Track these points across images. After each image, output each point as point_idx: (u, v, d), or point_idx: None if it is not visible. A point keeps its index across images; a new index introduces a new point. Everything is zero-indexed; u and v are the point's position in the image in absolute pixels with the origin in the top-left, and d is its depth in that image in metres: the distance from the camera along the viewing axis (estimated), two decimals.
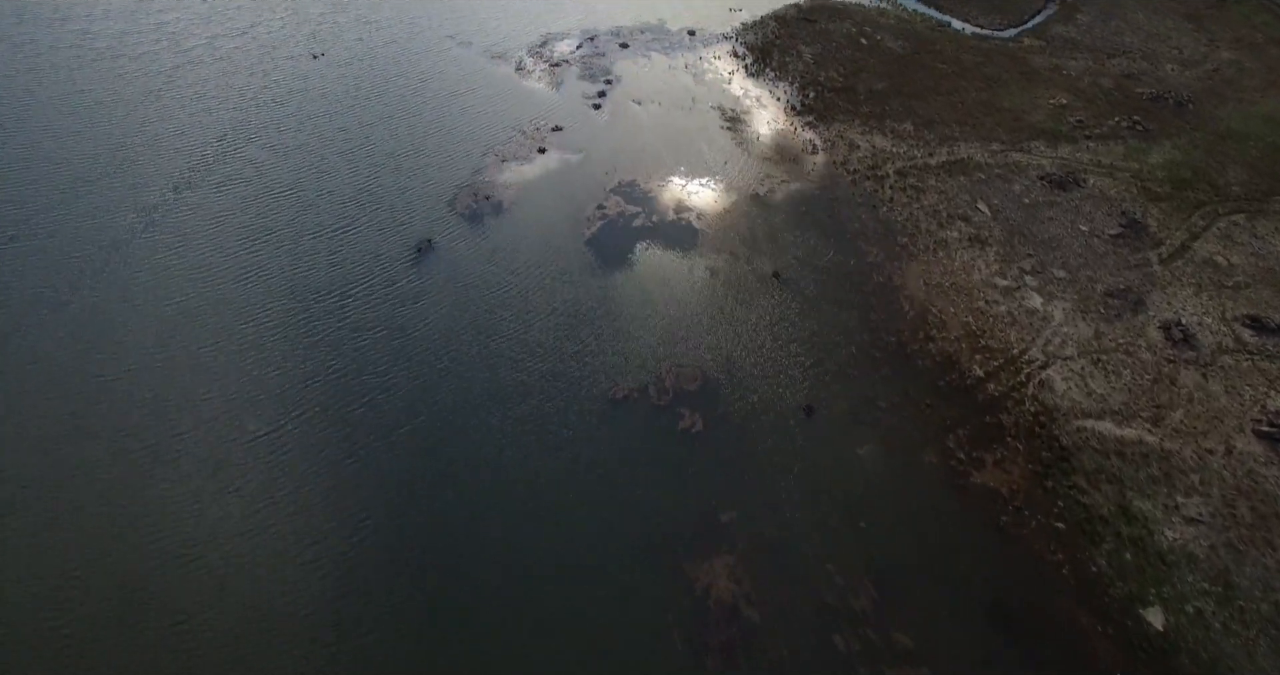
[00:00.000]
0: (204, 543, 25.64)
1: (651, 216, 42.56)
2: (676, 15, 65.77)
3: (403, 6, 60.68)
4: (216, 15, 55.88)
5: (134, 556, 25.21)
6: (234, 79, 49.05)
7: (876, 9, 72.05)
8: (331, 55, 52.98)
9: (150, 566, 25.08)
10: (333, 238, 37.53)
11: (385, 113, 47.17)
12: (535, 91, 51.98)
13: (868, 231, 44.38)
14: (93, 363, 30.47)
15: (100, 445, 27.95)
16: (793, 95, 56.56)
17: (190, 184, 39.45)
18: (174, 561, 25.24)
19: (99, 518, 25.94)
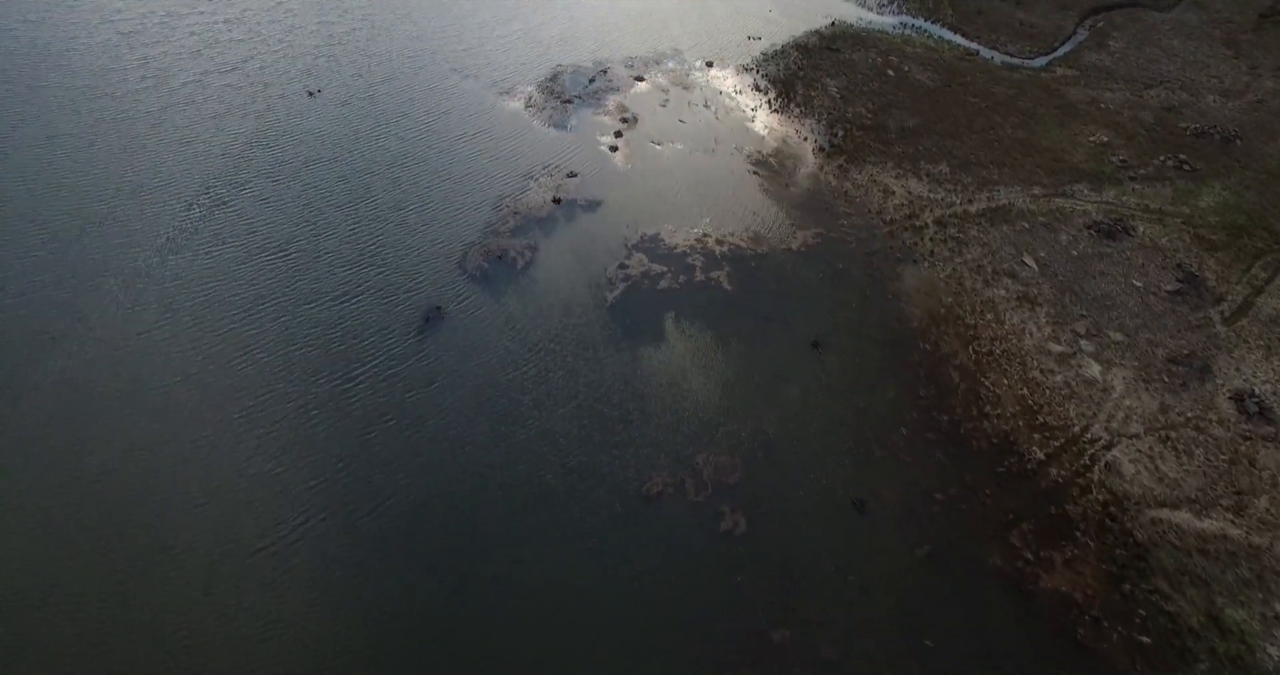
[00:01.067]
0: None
1: (679, 277, 40.70)
2: (693, 45, 64.36)
3: (403, 39, 59.07)
4: (206, 49, 54.08)
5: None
6: (224, 121, 47.16)
7: (901, 37, 70.86)
8: (328, 93, 51.22)
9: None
10: (333, 308, 35.47)
11: (387, 159, 45.30)
12: (547, 132, 50.24)
13: (910, 291, 42.57)
14: (65, 462, 28.24)
15: (77, 560, 25.69)
16: (820, 134, 54.98)
17: (177, 246, 37.42)
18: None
19: (75, 642, 23.64)
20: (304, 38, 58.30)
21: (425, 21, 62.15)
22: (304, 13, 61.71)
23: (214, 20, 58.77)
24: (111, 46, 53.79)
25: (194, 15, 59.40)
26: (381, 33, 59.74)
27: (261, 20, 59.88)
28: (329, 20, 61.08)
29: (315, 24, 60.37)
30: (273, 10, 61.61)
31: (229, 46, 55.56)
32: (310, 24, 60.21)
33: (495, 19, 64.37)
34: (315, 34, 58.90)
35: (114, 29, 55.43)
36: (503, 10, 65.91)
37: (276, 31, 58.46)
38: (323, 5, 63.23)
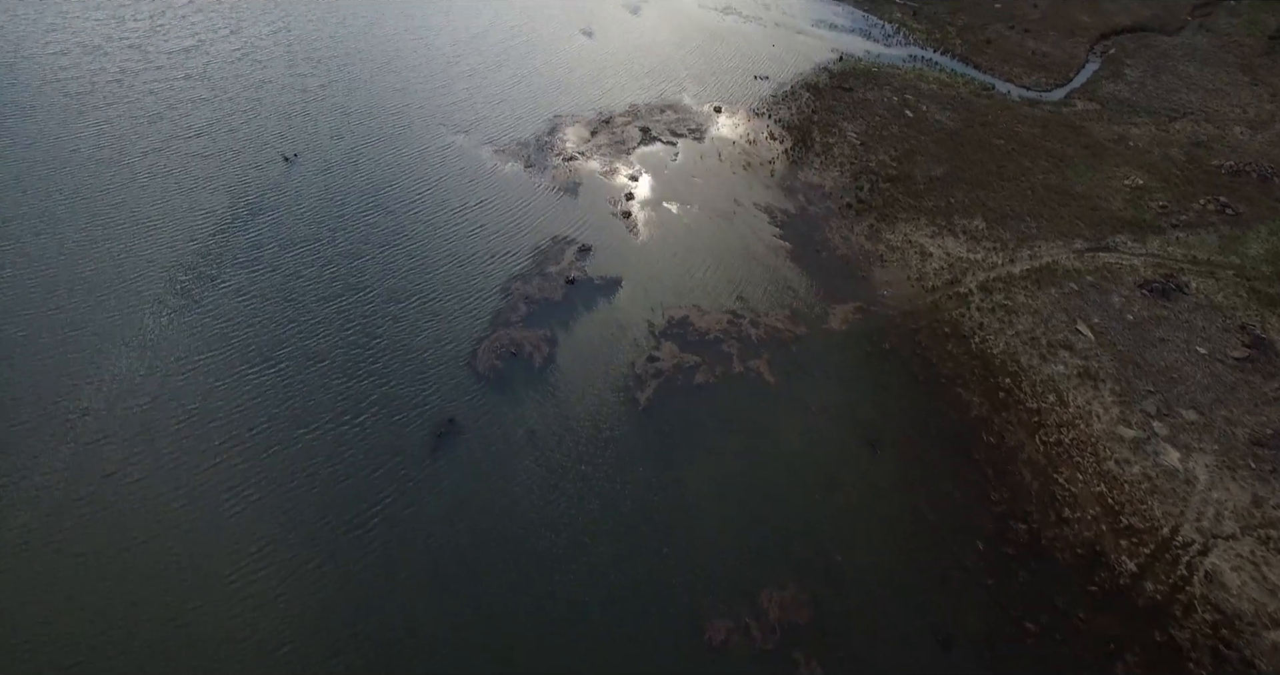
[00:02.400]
0: None
1: (715, 369, 38.12)
2: (699, 87, 62.53)
3: (385, 92, 56.29)
4: (168, 112, 50.80)
5: None
6: (193, 197, 43.93)
7: (913, 71, 69.77)
8: (306, 157, 48.25)
9: None
10: (331, 431, 32.25)
11: (377, 238, 42.32)
12: (552, 197, 47.69)
13: (964, 373, 40.41)
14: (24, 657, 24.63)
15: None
16: (845, 187, 53.12)
17: (144, 362, 33.95)
18: None
19: None
20: (275, 94, 55.25)
21: (408, 71, 59.49)
22: (273, 65, 58.74)
23: (173, 76, 55.56)
24: (59, 111, 50.28)
25: (150, 71, 56.13)
26: (360, 86, 56.93)
27: (226, 75, 56.77)
28: (302, 73, 58.15)
29: (287, 77, 57.37)
30: (238, 63, 58.56)
31: (193, 107, 52.32)
32: (281, 77, 57.21)
33: (484, 65, 61.95)
34: (288, 89, 55.89)
35: (61, 90, 51.97)
36: (491, 55, 63.61)
37: (244, 87, 55.38)
38: (293, 56, 60.35)
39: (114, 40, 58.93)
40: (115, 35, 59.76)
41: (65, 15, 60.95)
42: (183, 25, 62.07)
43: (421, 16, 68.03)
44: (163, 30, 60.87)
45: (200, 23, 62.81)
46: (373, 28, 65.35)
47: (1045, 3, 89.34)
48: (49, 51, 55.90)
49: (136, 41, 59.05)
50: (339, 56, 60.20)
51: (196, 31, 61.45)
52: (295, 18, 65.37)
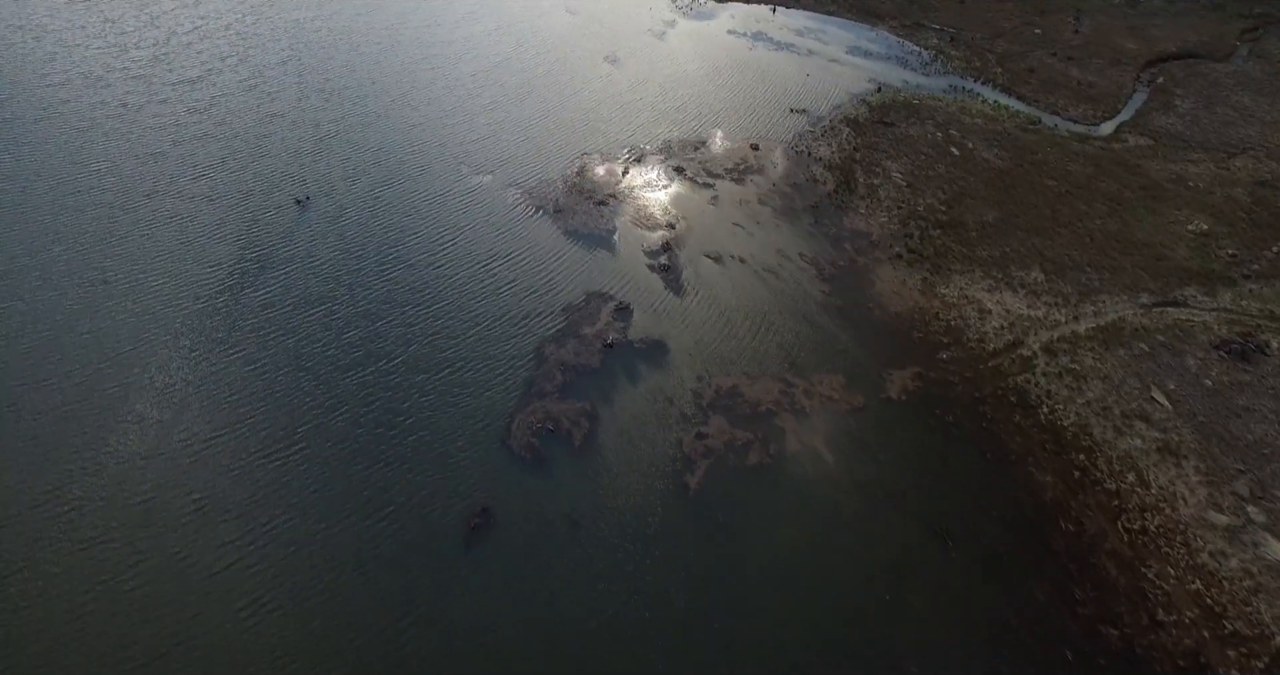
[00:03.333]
0: None
1: (769, 446, 36.10)
2: (733, 121, 60.97)
3: (402, 127, 54.69)
4: (172, 149, 49.41)
5: None
6: (199, 248, 42.42)
7: (956, 103, 68.18)
8: (319, 201, 46.64)
9: None
10: (357, 526, 30.23)
11: (398, 296, 40.48)
12: (584, 248, 45.90)
13: (1034, 448, 38.32)
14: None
15: None
16: (893, 234, 51.29)
17: (150, 449, 31.83)
18: None
19: None
20: (285, 129, 53.66)
21: (426, 105, 57.92)
22: (282, 96, 57.22)
23: (178, 110, 54.05)
24: (58, 147, 48.70)
25: (154, 104, 54.56)
26: (375, 120, 55.34)
27: (233, 108, 55.28)
28: (313, 105, 56.58)
29: (297, 111, 55.82)
30: (246, 94, 57.06)
31: (198, 143, 50.74)
32: (291, 111, 55.67)
33: (506, 98, 60.42)
34: (298, 124, 54.30)
35: (61, 124, 50.46)
36: (513, 87, 62.14)
37: (252, 121, 53.85)
38: (304, 87, 58.85)
39: (116, 70, 57.47)
40: (117, 65, 58.31)
41: (65, 44, 59.55)
42: (187, 54, 60.64)
43: (439, 44, 66.63)
44: (167, 59, 59.43)
45: (206, 51, 61.39)
46: (387, 56, 63.91)
47: (1086, 28, 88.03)
48: (48, 83, 54.46)
49: (140, 72, 57.59)
50: (352, 88, 58.67)
51: (203, 60, 60.01)
52: (305, 45, 63.97)
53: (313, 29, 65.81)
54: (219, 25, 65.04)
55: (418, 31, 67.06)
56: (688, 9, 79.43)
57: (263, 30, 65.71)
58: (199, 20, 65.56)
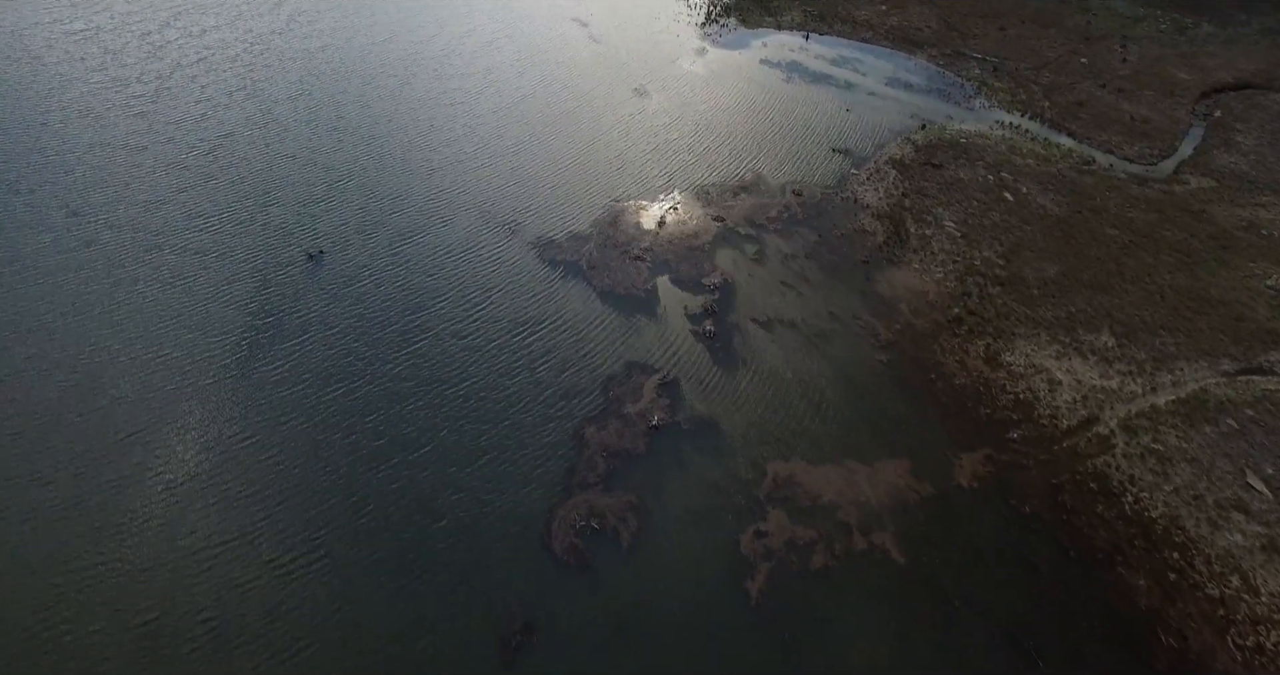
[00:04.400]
0: None
1: (833, 545, 34.07)
2: (772, 163, 59.44)
3: (420, 173, 53.24)
4: (176, 195, 48.21)
5: None
6: (202, 314, 40.71)
7: (1005, 142, 66.57)
8: (333, 257, 45.15)
9: None
10: (385, 653, 27.87)
11: (424, 373, 38.73)
12: (622, 313, 44.01)
13: (1122, 545, 36.21)
14: None
15: None
16: (951, 293, 49.40)
17: (150, 560, 29.73)
18: None
19: None
20: (295, 172, 52.17)
21: (444, 146, 56.36)
22: (292, 136, 55.83)
23: (181, 151, 52.61)
24: (53, 194, 46.81)
25: (157, 146, 53.03)
26: (393, 163, 53.83)
27: (240, 150, 54.11)
28: (325, 147, 55.06)
29: (307, 151, 54.33)
30: (255, 131, 55.75)
31: (202, 191, 49.32)
32: (301, 151, 54.21)
33: (530, 137, 58.88)
34: (309, 166, 52.79)
35: (56, 167, 48.47)
36: (537, 124, 60.63)
37: (261, 165, 52.51)
38: (315, 126, 57.46)
39: (116, 107, 56.03)
40: (118, 101, 56.88)
41: (63, 77, 58.18)
42: (192, 88, 59.23)
43: (458, 77, 65.25)
44: (170, 94, 58.01)
45: (212, 85, 59.97)
46: (404, 90, 62.49)
47: (1135, 57, 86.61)
48: (43, 121, 52.99)
49: (142, 108, 56.17)
50: (366, 125, 57.17)
51: (208, 95, 58.58)
52: (317, 78, 62.62)
53: (324, 60, 64.41)
54: (225, 57, 63.66)
55: (435, 63, 65.63)
56: (716, 37, 78.12)
57: (271, 61, 64.32)
58: (204, 51, 64.19)
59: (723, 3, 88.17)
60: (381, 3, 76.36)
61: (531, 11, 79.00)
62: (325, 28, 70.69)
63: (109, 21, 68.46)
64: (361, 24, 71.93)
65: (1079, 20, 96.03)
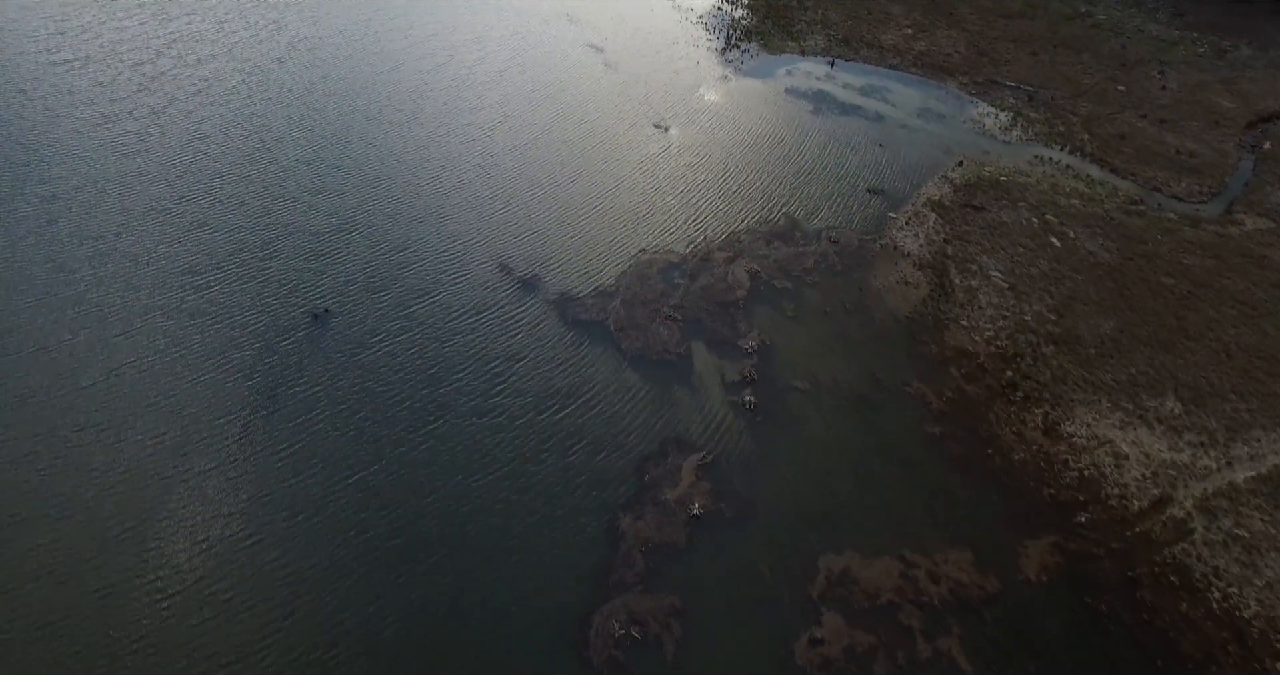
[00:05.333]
0: None
1: (895, 654, 32.12)
2: (805, 206, 57.85)
3: (431, 220, 51.56)
4: (171, 250, 46.09)
5: None
6: (195, 391, 38.27)
7: (1047, 180, 65.03)
8: (339, 317, 43.23)
9: None
10: None
11: (444, 459, 36.82)
12: (654, 381, 42.22)
13: (1214, 650, 34.25)
14: None
15: None
16: (1002, 354, 47.60)
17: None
18: None
19: None
20: (298, 219, 50.64)
21: (458, 190, 54.70)
22: (294, 175, 54.44)
23: (175, 197, 50.32)
24: (27, 253, 44.63)
25: (149, 189, 51.01)
26: (402, 208, 52.53)
27: (239, 191, 52.15)
28: (330, 187, 53.52)
29: (310, 194, 52.84)
30: (253, 170, 54.06)
31: (198, 242, 47.72)
32: (303, 193, 52.82)
33: (549, 179, 57.18)
34: (313, 212, 51.28)
35: (44, 218, 46.63)
36: (556, 165, 59.02)
37: (259, 210, 50.83)
38: (318, 163, 55.93)
39: (105, 147, 54.36)
40: (106, 139, 55.31)
41: (49, 113, 56.52)
42: (185, 124, 57.62)
43: (470, 111, 63.68)
44: (162, 132, 56.49)
45: (208, 121, 58.41)
46: (412, 126, 60.89)
47: (1174, 84, 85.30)
48: (26, 161, 50.88)
49: (132, 147, 54.69)
50: (372, 166, 55.48)
51: (204, 131, 57.00)
52: (319, 112, 61.17)
53: (326, 92, 62.70)
54: (222, 89, 61.96)
55: (445, 95, 63.96)
56: (738, 64, 76.64)
57: (271, 94, 62.59)
58: (200, 83, 62.49)
59: (743, 27, 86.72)
60: (387, 29, 74.77)
61: (544, 37, 77.44)
62: (328, 56, 69.01)
63: (99, 51, 66.71)
64: (366, 52, 70.28)
65: (1113, 45, 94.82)
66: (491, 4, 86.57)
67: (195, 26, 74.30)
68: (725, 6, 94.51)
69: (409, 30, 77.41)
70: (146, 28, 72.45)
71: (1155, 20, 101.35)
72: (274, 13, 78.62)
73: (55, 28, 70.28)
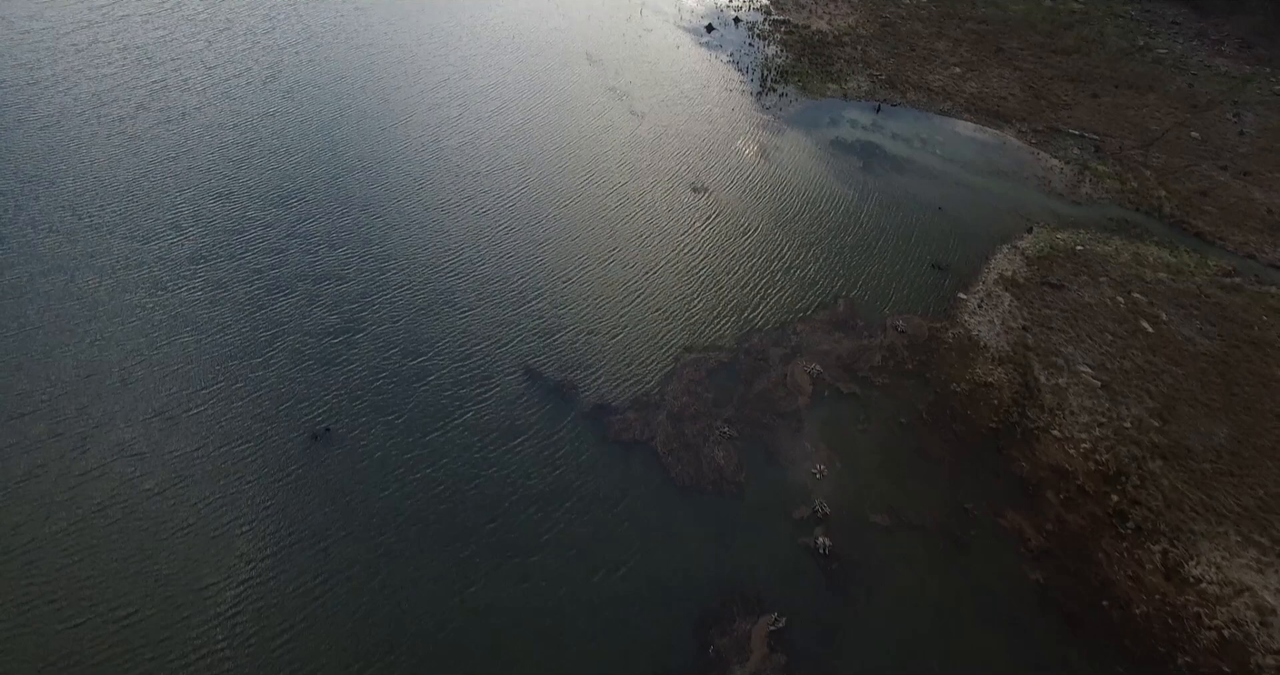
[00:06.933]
0: None
1: None
2: (864, 286, 53.84)
3: (443, 305, 47.08)
4: (138, 374, 41.18)
5: None
6: (196, 541, 33.70)
7: (1125, 248, 61.19)
8: (343, 440, 39.05)
9: None
10: None
11: (476, 640, 31.60)
12: (712, 522, 38.17)
13: None
14: None
15: None
16: (1104, 472, 43.67)
17: None
18: None
19: None
20: (289, 310, 47.08)
21: (472, 276, 51.14)
22: (288, 257, 50.55)
23: (149, 291, 46.18)
24: (5, 360, 40.42)
25: (121, 278, 46.75)
26: (411, 304, 48.73)
27: (222, 274, 47.58)
28: (325, 270, 50.15)
29: (305, 283, 49.02)
30: (242, 247, 49.71)
31: (179, 348, 43.00)
32: (296, 280, 49.47)
33: (580, 256, 53.55)
34: (312, 302, 48.01)
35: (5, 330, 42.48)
36: (587, 238, 55.38)
37: (247, 302, 46.58)
38: (312, 239, 51.94)
39: (84, 228, 49.87)
40: (84, 212, 50.86)
41: (13, 206, 52.27)
42: (166, 195, 53.92)
43: (484, 173, 59.98)
44: (138, 205, 52.72)
45: (190, 188, 54.75)
46: (422, 190, 57.52)
47: (1251, 127, 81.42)
48: None
49: (102, 219, 50.28)
50: (377, 243, 52.04)
51: (185, 199, 53.33)
52: (316, 176, 57.30)
53: (323, 149, 59.09)
54: (208, 148, 58.36)
55: (458, 155, 60.23)
56: (776, 110, 72.87)
57: (263, 151, 59.24)
58: (184, 140, 58.71)
59: (777, 66, 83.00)
60: (392, 76, 71.08)
61: (564, 83, 73.72)
62: (325, 107, 65.29)
63: (74, 103, 62.81)
64: (369, 102, 66.51)
65: (1179, 83, 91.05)
66: (506, 44, 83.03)
67: (182, 73, 70.53)
68: (756, 42, 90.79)
69: (417, 77, 73.71)
70: (128, 75, 68.72)
71: (1221, 53, 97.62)
72: (269, 55, 75.12)
73: (29, 78, 66.65)
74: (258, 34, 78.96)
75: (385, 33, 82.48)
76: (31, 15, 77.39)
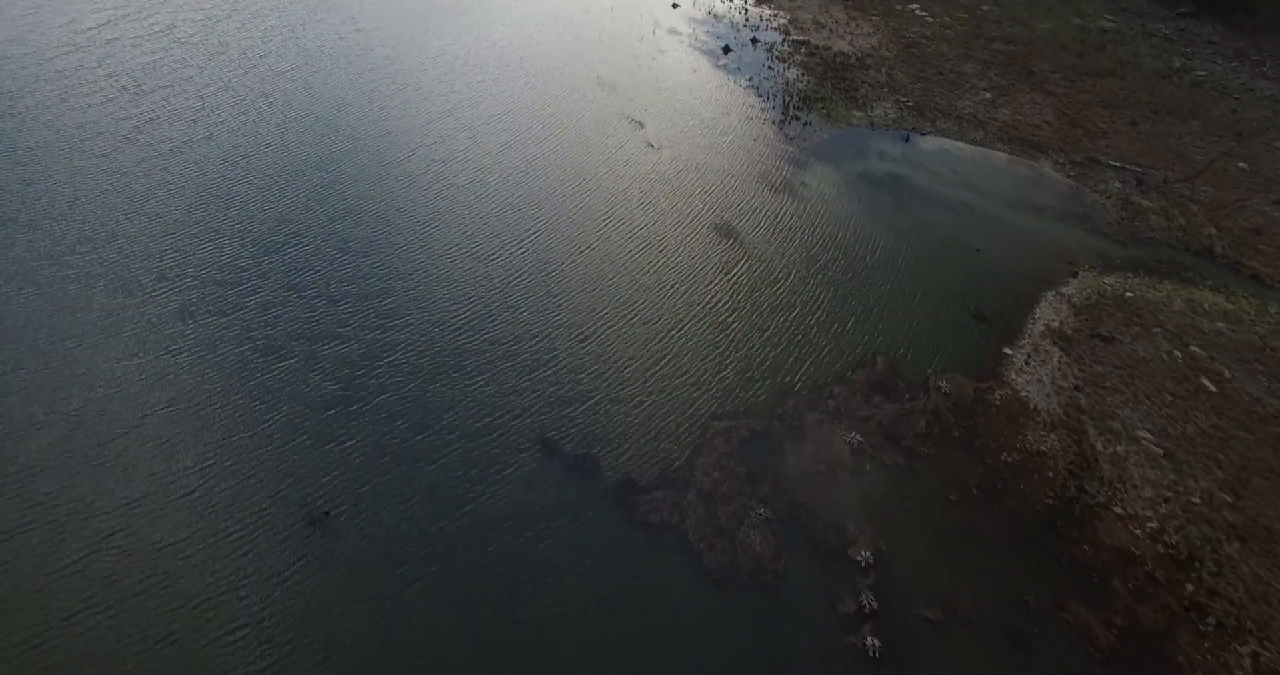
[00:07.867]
0: None
1: None
2: (903, 342, 51.81)
3: (453, 371, 44.64)
4: (149, 458, 38.78)
5: None
6: (188, 650, 31.06)
7: (1178, 293, 58.89)
8: (346, 529, 36.46)
9: None
10: None
11: None
12: (751, 620, 36.25)
13: None
14: None
15: None
16: (1174, 556, 40.97)
17: None
18: None
19: None
20: (295, 382, 45.00)
21: (483, 335, 48.61)
22: (280, 311, 47.71)
23: (135, 369, 43.93)
24: None
25: (109, 347, 44.30)
26: (418, 372, 46.21)
27: (207, 338, 45.27)
28: (323, 330, 47.58)
29: (302, 343, 47.15)
30: (237, 318, 47.32)
31: (167, 428, 40.39)
32: (290, 340, 47.09)
33: (597, 318, 51.15)
34: (306, 368, 45.78)
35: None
36: (607, 299, 52.76)
37: (235, 359, 44.77)
38: (309, 294, 49.20)
39: (60, 279, 47.51)
40: (65, 262, 48.49)
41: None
42: (150, 254, 50.93)
43: (495, 215, 57.80)
44: (139, 254, 49.78)
45: (175, 233, 51.89)
46: (429, 235, 55.25)
47: None
48: None
49: (82, 271, 47.80)
50: (379, 297, 50.04)
51: (168, 261, 50.36)
52: (313, 216, 55.24)
53: (321, 185, 57.36)
54: (196, 190, 55.86)
55: (466, 194, 58.15)
56: (801, 140, 70.65)
57: (255, 191, 56.91)
58: (168, 177, 56.10)
59: (799, 91, 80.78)
60: (397, 103, 68.82)
61: (577, 111, 71.57)
62: (325, 137, 63.08)
63: (55, 137, 60.66)
64: (372, 134, 64.41)
65: (1222, 109, 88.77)
66: (514, 67, 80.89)
67: (171, 103, 68.35)
68: (776, 65, 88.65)
69: (424, 105, 71.52)
70: (115, 105, 66.54)
71: (1264, 75, 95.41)
72: (265, 83, 72.98)
73: (8, 107, 64.46)
74: (253, 59, 76.87)
75: (388, 57, 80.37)
76: (13, 39, 75.33)
